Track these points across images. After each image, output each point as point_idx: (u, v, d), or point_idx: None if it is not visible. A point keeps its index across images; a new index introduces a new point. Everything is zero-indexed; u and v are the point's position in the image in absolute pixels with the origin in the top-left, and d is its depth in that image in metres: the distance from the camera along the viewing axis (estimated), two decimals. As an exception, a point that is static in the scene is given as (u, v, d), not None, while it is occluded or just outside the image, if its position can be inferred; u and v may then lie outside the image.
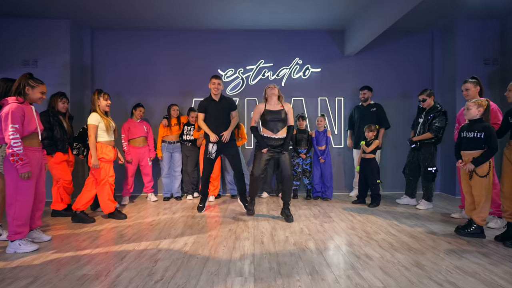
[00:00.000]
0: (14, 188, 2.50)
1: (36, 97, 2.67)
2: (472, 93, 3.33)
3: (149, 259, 2.40)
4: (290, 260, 2.37)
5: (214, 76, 3.74)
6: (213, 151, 3.66)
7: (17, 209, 2.50)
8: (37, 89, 2.66)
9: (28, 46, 4.68)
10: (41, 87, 2.70)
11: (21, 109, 2.50)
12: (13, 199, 2.50)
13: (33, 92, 2.64)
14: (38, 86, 2.67)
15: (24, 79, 2.60)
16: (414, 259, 2.38)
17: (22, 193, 2.51)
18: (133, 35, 5.17)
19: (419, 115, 4.08)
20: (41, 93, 2.69)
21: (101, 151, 3.38)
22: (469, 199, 2.98)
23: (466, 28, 4.76)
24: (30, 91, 2.62)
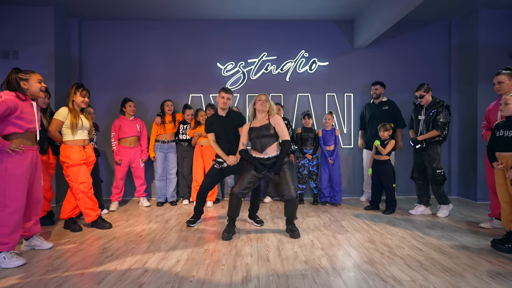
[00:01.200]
0: (2, 192, 2.21)
1: (35, 89, 2.37)
2: (507, 86, 2.92)
3: (132, 283, 1.98)
4: (302, 285, 1.95)
5: (224, 89, 3.17)
6: (224, 165, 3.14)
7: (4, 215, 2.22)
8: (32, 79, 2.35)
9: (7, 36, 4.25)
10: (35, 76, 2.39)
11: (13, 102, 2.21)
12: (1, 204, 2.20)
13: (30, 84, 2.35)
14: (31, 76, 2.36)
15: (13, 75, 2.31)
16: (453, 284, 1.96)
17: (11, 198, 2.25)
18: (125, 26, 4.75)
19: (418, 113, 3.66)
20: (38, 81, 2.38)
21: (64, 153, 2.93)
22: (507, 209, 2.57)
23: (490, 17, 4.35)
24: (27, 84, 2.34)
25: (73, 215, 3.13)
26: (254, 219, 3.30)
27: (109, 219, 3.52)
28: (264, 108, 2.92)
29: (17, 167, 2.25)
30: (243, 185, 2.86)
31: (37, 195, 2.48)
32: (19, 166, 2.26)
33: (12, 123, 2.24)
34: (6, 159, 2.21)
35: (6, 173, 2.21)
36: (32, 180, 2.40)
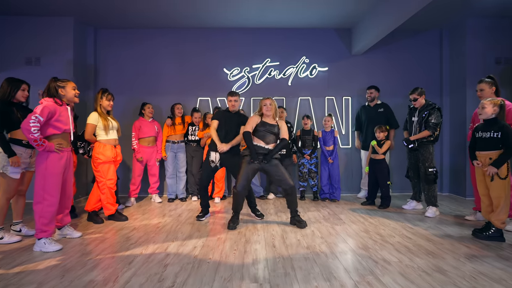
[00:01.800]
0: (42, 186, 2.53)
1: (71, 95, 2.71)
2: (487, 93, 3.23)
3: (158, 264, 2.30)
4: (305, 265, 2.28)
5: (230, 93, 3.53)
6: (216, 160, 3.45)
7: (44, 207, 2.54)
8: (68, 86, 2.69)
9: (31, 44, 4.59)
10: (70, 84, 2.73)
11: (53, 107, 2.55)
12: (41, 197, 2.54)
13: (66, 90, 2.68)
14: (67, 84, 2.70)
15: (52, 83, 2.65)
16: (434, 263, 2.29)
17: (49, 193, 2.55)
18: (137, 33, 5.08)
19: (412, 115, 3.93)
20: (73, 88, 2.73)
21: (98, 150, 3.30)
22: (486, 201, 2.89)
23: (477, 27, 4.68)
24: (64, 91, 2.67)
25: (96, 209, 3.45)
26: (255, 213, 3.61)
27: (126, 213, 3.84)
28: (270, 113, 3.29)
29: (55, 165, 2.57)
30: (243, 181, 3.18)
31: (69, 191, 2.80)
32: (56, 165, 2.58)
33: (52, 126, 2.56)
34: (46, 158, 2.54)
35: (46, 171, 2.53)
36: (65, 177, 2.71)
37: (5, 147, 2.65)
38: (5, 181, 2.71)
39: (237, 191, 3.18)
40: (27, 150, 2.82)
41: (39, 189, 2.54)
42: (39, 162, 2.55)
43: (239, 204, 3.24)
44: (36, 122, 2.42)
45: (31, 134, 2.41)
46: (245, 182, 3.18)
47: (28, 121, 2.40)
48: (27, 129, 2.40)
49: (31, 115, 2.42)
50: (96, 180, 3.38)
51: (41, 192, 2.54)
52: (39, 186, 2.54)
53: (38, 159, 2.56)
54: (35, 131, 2.42)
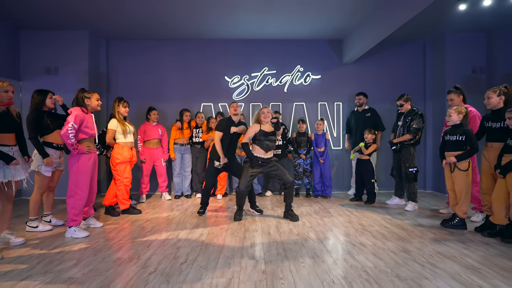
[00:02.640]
0: (75, 183, 2.99)
1: (95, 105, 3.16)
2: (456, 102, 3.68)
3: (172, 246, 2.76)
4: (294, 247, 2.73)
5: (232, 102, 3.96)
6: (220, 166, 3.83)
7: (75, 200, 2.99)
8: (93, 97, 3.15)
9: (50, 56, 5.06)
10: (95, 95, 3.19)
11: (82, 115, 3.01)
12: (73, 192, 2.99)
13: (91, 101, 3.14)
14: (93, 95, 3.16)
15: (80, 94, 3.11)
16: (402, 246, 2.74)
17: (80, 188, 3.00)
18: (144, 44, 5.55)
19: (398, 119, 4.34)
20: (96, 100, 3.18)
21: (117, 151, 3.76)
22: (452, 195, 3.34)
23: (454, 40, 5.15)
24: (89, 101, 3.13)
25: (113, 204, 3.91)
26: (255, 208, 4.04)
27: (138, 208, 4.29)
28: (268, 120, 3.67)
29: (85, 165, 3.02)
30: (246, 182, 3.61)
31: (94, 187, 3.25)
32: (86, 165, 3.03)
33: (81, 131, 3.02)
34: (78, 159, 2.99)
35: (78, 170, 2.98)
36: (92, 175, 3.16)
37: (40, 149, 3.10)
38: (39, 178, 3.17)
39: (240, 191, 3.62)
40: (57, 152, 3.27)
41: (72, 185, 2.99)
42: (72, 163, 2.99)
43: (241, 201, 3.70)
44: (72, 129, 2.88)
45: (69, 139, 2.86)
46: (247, 183, 3.62)
47: (66, 129, 2.85)
48: (66, 136, 2.85)
49: (68, 124, 2.87)
50: (113, 177, 3.84)
51: (73, 188, 2.99)
52: (72, 182, 2.99)
53: (71, 160, 3.00)
54: (72, 138, 2.88)
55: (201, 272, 2.24)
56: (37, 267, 2.32)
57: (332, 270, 2.25)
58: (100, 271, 2.25)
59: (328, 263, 2.38)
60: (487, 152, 3.12)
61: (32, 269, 2.30)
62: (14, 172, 2.71)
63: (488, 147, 3.12)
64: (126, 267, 2.32)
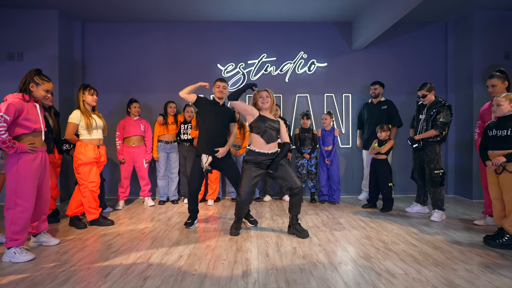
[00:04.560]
0: (13, 191, 2.31)
1: (39, 95, 2.45)
2: (499, 89, 3.00)
3: (137, 277, 2.07)
4: (300, 278, 2.04)
5: (219, 79, 3.27)
6: (207, 164, 3.09)
7: (16, 213, 2.32)
8: (41, 86, 2.45)
9: (13, 38, 4.35)
10: (46, 85, 2.48)
11: (20, 104, 2.30)
12: (12, 203, 2.33)
13: (37, 89, 2.44)
14: (43, 84, 2.45)
15: (29, 76, 2.42)
16: (444, 276, 2.06)
17: (22, 197, 2.34)
18: (127, 27, 4.85)
19: (420, 112, 3.64)
20: (45, 91, 2.47)
21: (79, 150, 3.07)
22: (499, 206, 2.66)
23: (484, 20, 4.44)
24: (34, 88, 2.43)
25: (79, 213, 3.22)
26: (248, 219, 3.31)
27: (113, 217, 3.61)
28: (266, 106, 2.89)
29: (27, 168, 2.34)
30: (247, 188, 2.83)
31: (46, 195, 2.57)
32: (29, 167, 2.35)
33: (19, 125, 2.33)
34: (17, 160, 2.31)
35: (17, 173, 2.31)
36: (41, 180, 2.49)
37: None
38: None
39: (241, 199, 2.86)
40: (-3, 151, 2.59)
41: (11, 193, 2.32)
42: (10, 164, 2.32)
43: (242, 211, 2.97)
44: (2, 122, 2.19)
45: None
46: (249, 189, 2.85)
47: None
48: None
49: None
50: (77, 182, 3.16)
51: (12, 197, 2.31)
52: (11, 190, 2.31)
53: (9, 161, 2.33)
54: (2, 133, 2.19)
55: (168, 323, 1.55)
56: None
57: (357, 321, 1.57)
58: (23, 322, 1.56)
59: (348, 307, 1.70)
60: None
61: None
62: None
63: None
64: (63, 314, 1.64)
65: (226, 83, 3.26)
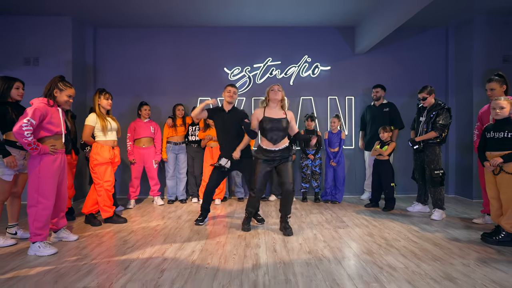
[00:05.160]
0: (36, 189, 2.47)
1: (62, 100, 2.63)
2: (498, 93, 3.12)
3: (155, 269, 2.22)
4: (307, 271, 2.18)
5: (230, 84, 3.42)
6: (227, 165, 3.25)
7: (38, 211, 2.49)
8: (64, 92, 2.63)
9: (29, 44, 4.54)
10: (68, 90, 2.66)
11: (44, 109, 2.47)
12: (35, 201, 2.48)
13: (61, 95, 2.62)
14: (66, 89, 2.63)
15: (54, 82, 2.59)
16: (442, 270, 2.19)
17: (44, 196, 2.49)
18: (136, 32, 5.02)
19: (420, 114, 3.78)
20: (67, 96, 2.65)
21: (95, 151, 3.24)
22: (496, 205, 2.78)
23: (484, 24, 4.56)
24: (58, 93, 2.61)
25: (94, 211, 3.38)
26: (256, 217, 3.44)
27: (125, 215, 3.77)
28: (277, 97, 3.03)
29: (49, 168, 2.50)
30: (259, 182, 3.00)
31: (64, 193, 2.73)
32: (50, 168, 2.51)
33: (43, 128, 2.49)
34: (40, 161, 2.47)
35: (39, 173, 2.47)
36: (60, 180, 2.65)
37: None
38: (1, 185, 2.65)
39: (254, 194, 3.05)
40: (21, 152, 2.75)
41: (33, 192, 2.47)
42: (33, 165, 2.48)
43: (254, 207, 3.15)
44: (28, 125, 2.35)
45: (24, 138, 2.33)
46: (259, 185, 3.03)
47: (20, 125, 2.32)
48: (20, 134, 2.32)
49: (23, 119, 2.35)
50: (93, 181, 3.32)
51: (35, 195, 2.47)
52: (33, 189, 2.47)
53: (31, 161, 2.49)
54: (28, 135, 2.35)
55: (187, 310, 1.70)
56: (-24, 301, 1.80)
57: (360, 308, 1.71)
58: (55, 308, 1.72)
59: (352, 296, 1.83)
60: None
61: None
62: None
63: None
64: (90, 301, 1.79)
65: (236, 88, 3.42)
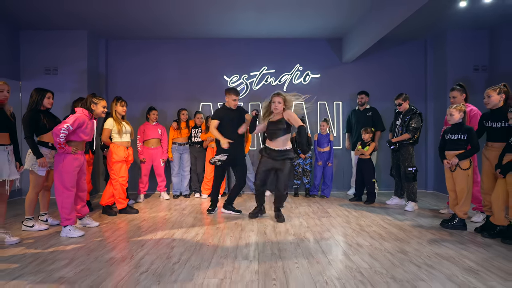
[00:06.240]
0: (61, 181, 2.98)
1: (99, 111, 3.21)
2: (459, 100, 3.62)
3: (166, 246, 2.73)
4: (289, 247, 2.69)
5: (235, 92, 3.77)
6: (219, 160, 3.69)
7: (63, 199, 2.98)
8: (100, 104, 3.19)
9: (49, 56, 5.07)
10: (102, 102, 3.22)
11: (83, 119, 3.02)
12: (60, 191, 2.98)
13: (97, 107, 3.18)
14: (100, 102, 3.20)
15: (89, 98, 3.15)
16: (399, 246, 2.69)
17: (66, 186, 2.99)
18: (143, 43, 5.54)
19: (397, 118, 4.30)
20: (103, 107, 3.21)
21: (113, 151, 3.75)
22: (453, 195, 3.28)
23: (456, 37, 5.07)
24: (95, 107, 3.16)
25: (110, 203, 3.90)
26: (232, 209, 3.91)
27: (136, 207, 4.28)
28: (278, 111, 3.47)
29: (70, 165, 3.00)
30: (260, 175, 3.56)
31: (83, 186, 3.24)
32: (71, 164, 3.00)
33: (76, 134, 3.01)
34: (63, 159, 2.98)
35: (63, 168, 2.97)
36: (80, 175, 3.15)
37: (35, 149, 3.09)
38: (34, 177, 3.16)
39: (257, 189, 3.63)
40: (51, 151, 3.26)
41: (59, 183, 2.97)
42: (57, 161, 2.98)
43: (258, 200, 3.71)
44: (66, 130, 2.88)
45: (58, 138, 2.86)
46: (259, 181, 3.58)
47: (60, 128, 2.85)
48: (57, 134, 2.84)
49: (64, 123, 2.88)
50: (110, 177, 3.84)
51: (60, 186, 2.97)
52: (58, 181, 2.97)
53: (57, 158, 2.99)
54: (62, 137, 2.87)
55: (193, 272, 2.21)
56: (29, 267, 2.31)
57: (326, 271, 2.21)
58: (92, 271, 2.23)
59: (322, 264, 2.34)
60: (488, 151, 3.05)
61: (24, 268, 2.29)
62: (9, 172, 2.72)
63: (489, 147, 3.06)
64: (118, 266, 2.30)
65: (238, 96, 3.89)
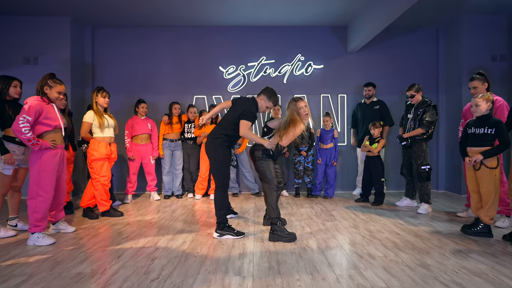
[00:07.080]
0: (37, 183, 2.59)
1: (53, 97, 2.72)
2: (481, 90, 3.21)
3: (146, 257, 2.35)
4: (290, 259, 2.31)
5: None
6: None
7: (38, 203, 2.60)
8: (54, 89, 2.72)
9: (28, 44, 4.66)
10: (58, 87, 2.74)
11: (39, 106, 2.58)
12: (35, 193, 2.60)
13: (51, 91, 2.71)
14: (55, 86, 2.72)
15: (44, 79, 2.70)
16: (418, 258, 2.30)
17: (44, 189, 2.61)
18: (134, 32, 5.14)
19: (408, 111, 3.88)
20: (57, 92, 2.73)
21: (93, 147, 3.37)
22: (476, 198, 2.89)
23: (472, 23, 4.65)
24: (48, 90, 2.70)
25: (91, 205, 3.52)
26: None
27: (122, 209, 3.89)
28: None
29: (49, 162, 2.62)
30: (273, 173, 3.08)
31: (63, 187, 2.85)
32: (51, 162, 2.63)
33: (42, 123, 2.61)
34: (40, 156, 2.60)
35: (40, 167, 2.59)
36: (59, 174, 2.77)
37: (-1, 144, 2.71)
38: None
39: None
40: (20, 148, 2.87)
41: (34, 185, 2.60)
42: (34, 159, 2.61)
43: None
44: (25, 122, 2.48)
45: (23, 134, 2.46)
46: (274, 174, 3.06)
47: (17, 123, 2.46)
48: (18, 130, 2.45)
49: (19, 116, 2.48)
50: (90, 176, 3.45)
51: (35, 188, 2.60)
52: (34, 182, 2.60)
53: (33, 156, 2.62)
54: (26, 131, 2.47)
55: (173, 292, 1.83)
56: (-22, 285, 1.93)
57: (335, 291, 1.83)
58: (51, 291, 1.85)
59: (329, 281, 1.95)
60: (518, 147, 2.65)
61: (-29, 287, 1.91)
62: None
63: (519, 142, 2.66)
64: (84, 285, 1.92)
65: None
